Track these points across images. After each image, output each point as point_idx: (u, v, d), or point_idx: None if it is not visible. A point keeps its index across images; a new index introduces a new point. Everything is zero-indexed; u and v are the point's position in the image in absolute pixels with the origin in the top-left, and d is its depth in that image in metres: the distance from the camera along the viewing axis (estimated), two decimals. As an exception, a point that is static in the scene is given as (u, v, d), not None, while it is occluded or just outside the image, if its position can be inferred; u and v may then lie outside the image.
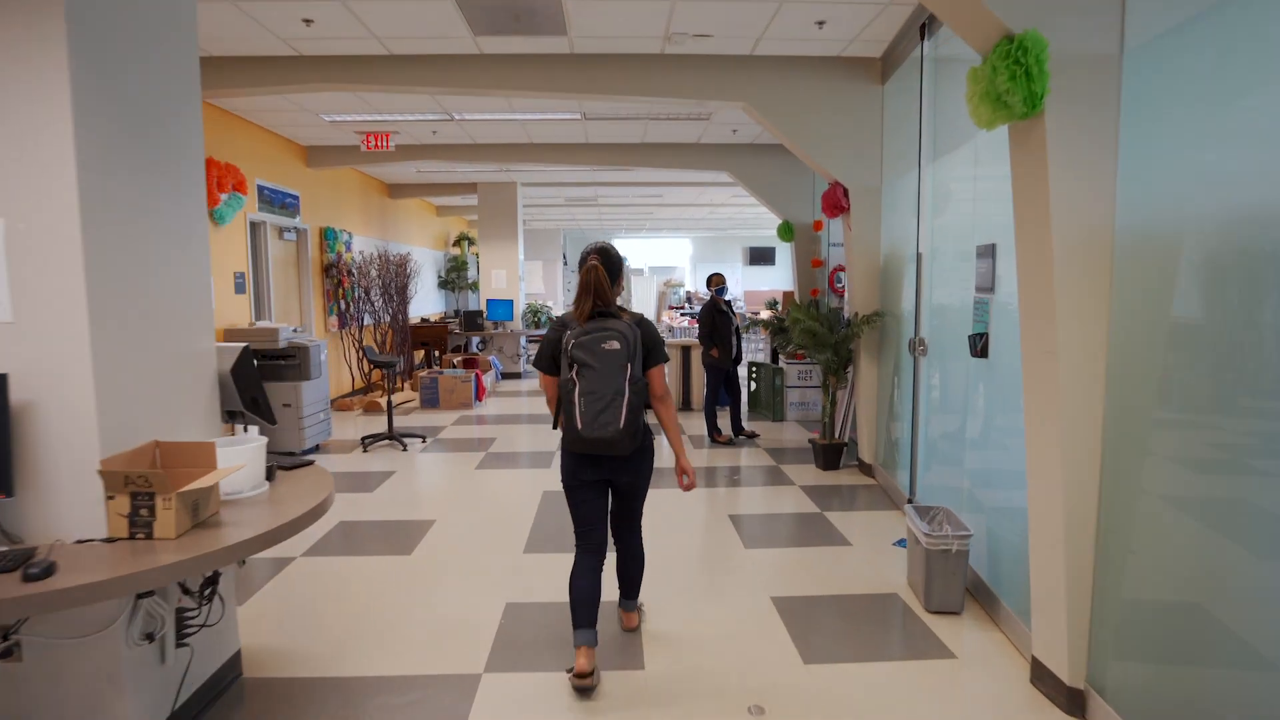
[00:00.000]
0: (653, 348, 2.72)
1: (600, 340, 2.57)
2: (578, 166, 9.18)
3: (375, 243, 10.39)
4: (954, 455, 3.91)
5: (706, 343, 6.65)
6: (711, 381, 6.75)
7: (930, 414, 4.31)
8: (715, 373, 6.72)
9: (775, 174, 8.32)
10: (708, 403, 6.77)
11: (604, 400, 2.54)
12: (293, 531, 2.25)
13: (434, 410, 8.56)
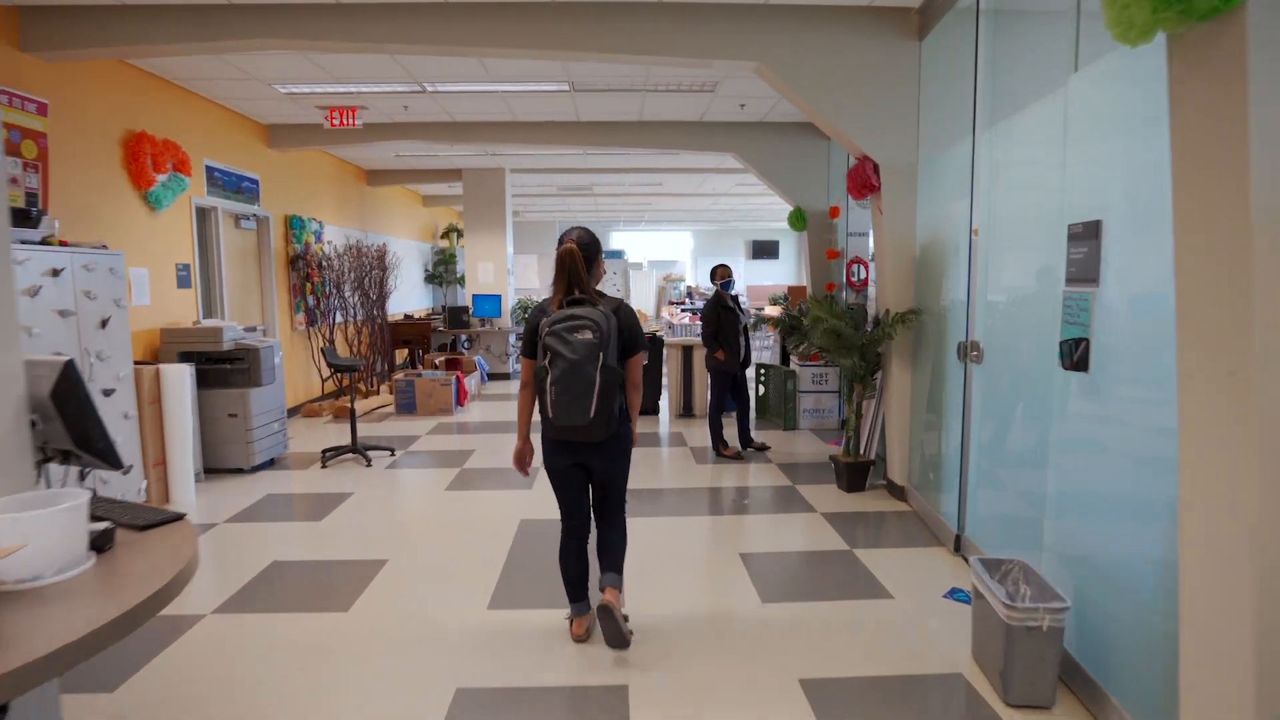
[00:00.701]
0: (631, 337, 2.73)
1: (574, 329, 2.57)
2: (569, 149, 8.39)
3: (352, 233, 9.60)
4: (1023, 487, 3.15)
5: (710, 344, 5.88)
6: (716, 387, 5.99)
7: (987, 434, 3.54)
8: (720, 377, 5.95)
9: (787, 155, 7.53)
10: (712, 411, 6.00)
11: (575, 389, 2.55)
12: (108, 641, 1.48)
13: (410, 417, 7.79)
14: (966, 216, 3.75)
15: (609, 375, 2.59)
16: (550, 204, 14.81)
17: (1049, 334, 2.76)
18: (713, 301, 5.89)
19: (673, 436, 6.79)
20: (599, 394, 2.55)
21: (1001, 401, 3.42)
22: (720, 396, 5.98)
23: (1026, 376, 3.14)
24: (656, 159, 9.57)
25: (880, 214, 4.59)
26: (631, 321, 2.74)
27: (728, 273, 5.99)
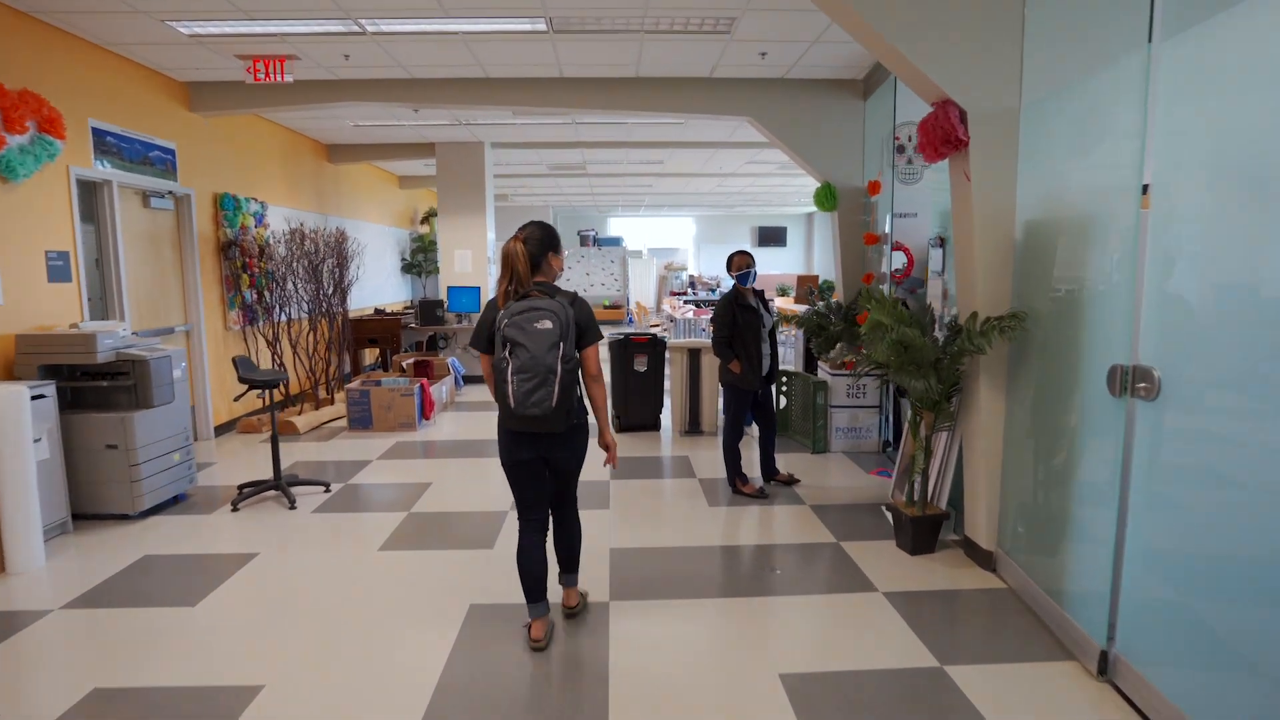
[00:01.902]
0: (586, 327, 2.74)
1: (533, 319, 2.59)
2: (553, 113, 7.11)
3: (310, 217, 8.34)
4: (1227, 588, 1.92)
5: (724, 352, 4.64)
6: (733, 406, 4.76)
7: (1163, 504, 2.31)
8: (738, 395, 4.73)
9: (816, 119, 6.26)
10: (727, 436, 4.77)
11: (536, 379, 2.57)
12: None
13: (364, 434, 6.56)
14: (1124, 176, 2.49)
15: (569, 364, 2.63)
16: (541, 186, 13.54)
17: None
18: (727, 299, 4.65)
19: (676, 464, 5.56)
20: (560, 383, 2.60)
21: (1192, 460, 2.19)
22: (737, 418, 4.75)
23: (1243, 426, 1.91)
24: (657, 130, 8.29)
25: (968, 180, 3.34)
26: (586, 313, 2.77)
27: (747, 261, 4.73)
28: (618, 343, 6.36)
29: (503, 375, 2.60)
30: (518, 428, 2.69)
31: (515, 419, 2.65)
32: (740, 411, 4.73)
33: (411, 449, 6.04)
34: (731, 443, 4.74)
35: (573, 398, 2.70)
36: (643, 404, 6.47)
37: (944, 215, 4.37)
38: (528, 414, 2.59)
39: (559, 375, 2.58)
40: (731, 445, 4.74)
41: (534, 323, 2.58)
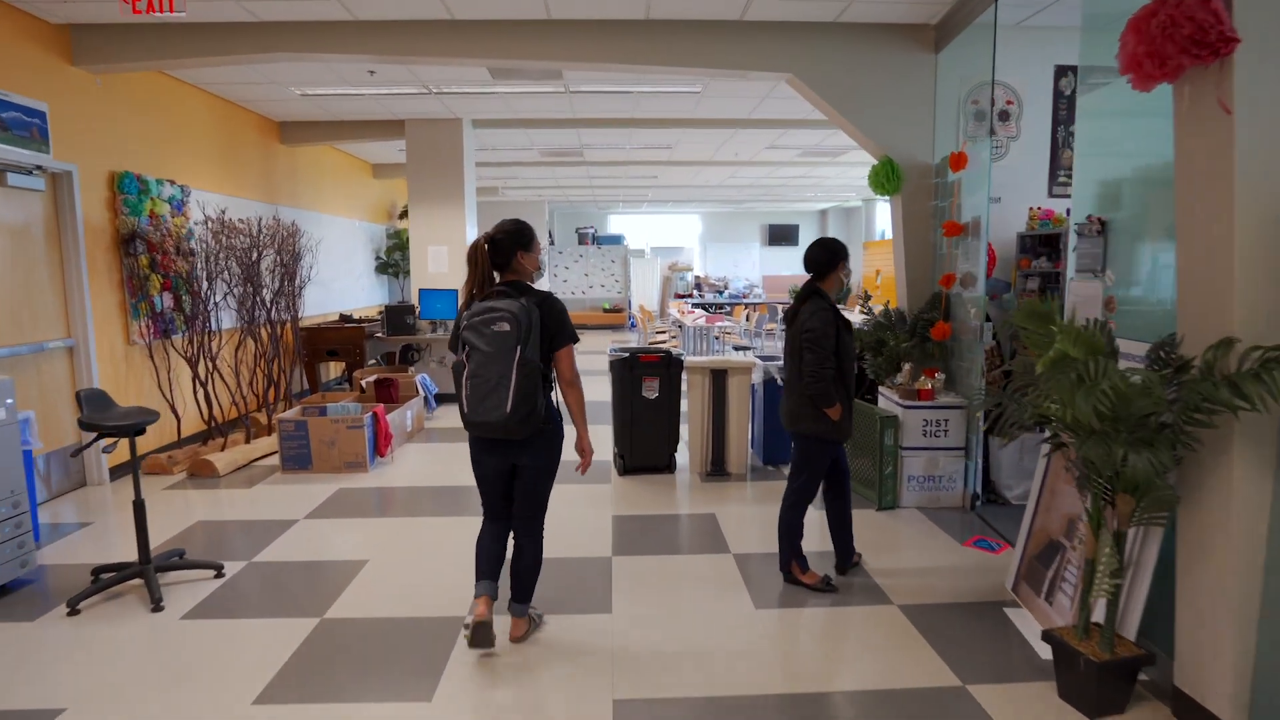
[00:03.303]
0: (557, 329, 2.64)
1: (490, 322, 2.51)
2: (539, 69, 5.75)
3: (255, 207, 6.98)
4: None
5: (828, 394, 3.09)
6: (813, 466, 3.31)
7: None
8: (823, 450, 3.28)
9: (874, 74, 4.91)
10: (792, 507, 3.36)
11: (489, 384, 2.49)
12: None
13: (300, 476, 5.18)
14: None
15: (526, 369, 2.50)
16: (534, 177, 12.17)
17: None
18: (828, 313, 3.17)
19: (699, 527, 4.19)
20: (515, 388, 2.48)
21: None
22: (813, 482, 3.36)
23: None
24: (669, 103, 6.93)
25: (1227, 113, 1.97)
26: (557, 314, 2.64)
27: (838, 255, 3.26)
28: (621, 363, 4.99)
29: (459, 379, 2.56)
30: (478, 434, 2.64)
31: (471, 425, 2.59)
32: (819, 472, 3.35)
33: (356, 500, 4.66)
34: (798, 516, 3.36)
35: (534, 403, 2.54)
36: (652, 440, 5.10)
37: (1102, 187, 3.00)
38: (481, 420, 2.53)
39: (514, 381, 2.48)
40: (796, 520, 3.36)
41: (491, 325, 2.50)
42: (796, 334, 3.19)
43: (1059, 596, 2.87)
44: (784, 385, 3.36)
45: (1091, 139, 3.09)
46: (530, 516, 2.79)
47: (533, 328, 2.52)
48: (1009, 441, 2.85)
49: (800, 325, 3.16)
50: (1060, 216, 4.73)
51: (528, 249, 2.66)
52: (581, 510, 4.40)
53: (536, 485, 2.74)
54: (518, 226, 2.67)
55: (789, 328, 3.29)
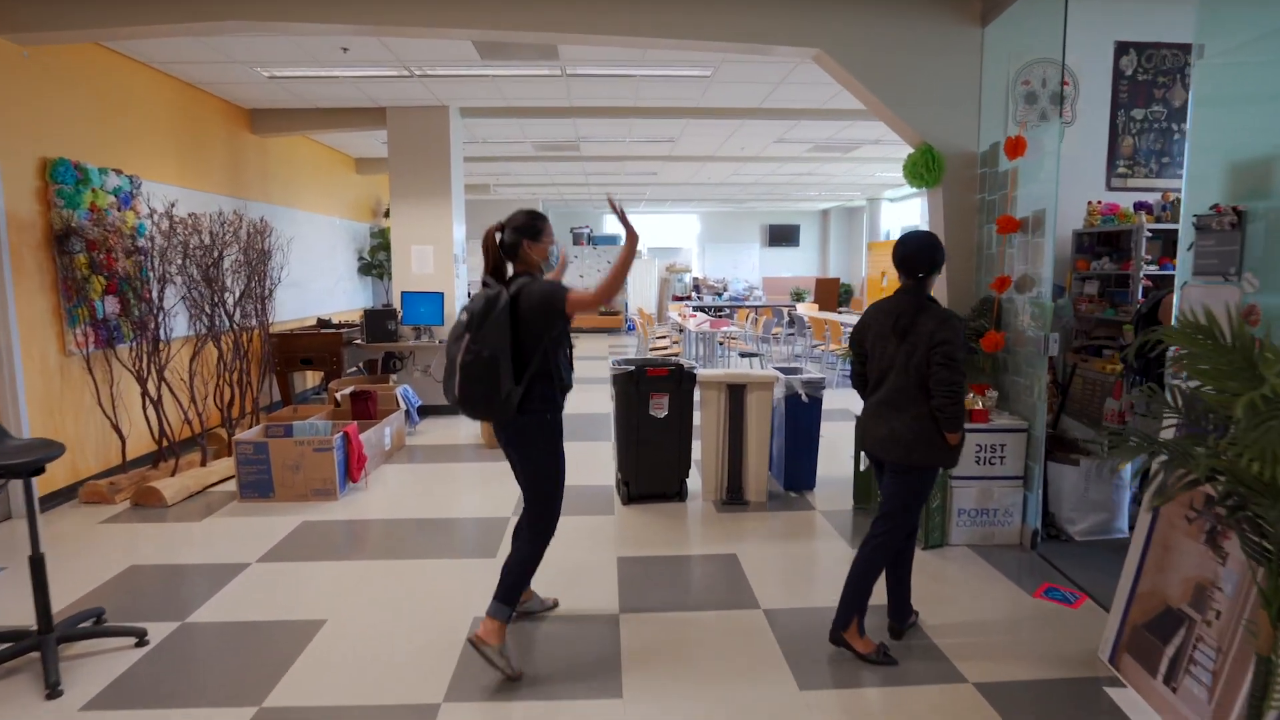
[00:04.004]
0: (542, 309, 2.54)
1: (463, 310, 2.60)
2: (532, 44, 5.15)
3: (221, 201, 6.35)
4: None
5: (956, 415, 2.57)
6: (922, 497, 2.73)
7: None
8: (931, 482, 2.73)
9: (913, 51, 4.33)
10: (874, 556, 2.74)
11: (445, 368, 2.59)
12: None
13: (260, 506, 4.55)
14: None
15: (470, 355, 2.49)
16: (527, 173, 11.56)
17: None
18: (959, 322, 2.65)
19: (719, 572, 3.58)
20: (460, 374, 2.51)
21: None
22: (913, 521, 2.79)
23: None
24: (674, 88, 6.33)
25: None
26: (535, 295, 2.55)
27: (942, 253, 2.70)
28: (625, 378, 4.38)
29: None
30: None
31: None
32: (917, 511, 2.77)
33: (321, 536, 4.04)
34: (881, 561, 2.75)
35: (488, 390, 2.49)
36: (661, 465, 4.50)
37: (1238, 171, 2.42)
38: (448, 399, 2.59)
39: (458, 367, 2.51)
40: (876, 567, 2.74)
41: (461, 314, 2.58)
42: (917, 349, 2.60)
43: (1187, 683, 2.28)
44: (881, 407, 2.71)
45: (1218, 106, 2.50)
46: (527, 511, 2.72)
47: (489, 316, 2.50)
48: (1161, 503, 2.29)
49: (930, 337, 2.58)
50: (1126, 211, 4.15)
51: (535, 239, 2.67)
52: (581, 550, 3.80)
53: (524, 478, 2.70)
54: (525, 218, 2.68)
55: (895, 341, 2.66)
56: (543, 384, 2.61)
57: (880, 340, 2.72)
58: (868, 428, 2.76)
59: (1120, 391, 3.94)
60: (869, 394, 2.81)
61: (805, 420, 4.68)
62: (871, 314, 2.79)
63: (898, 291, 2.73)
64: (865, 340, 2.80)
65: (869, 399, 2.80)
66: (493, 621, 2.62)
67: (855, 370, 2.90)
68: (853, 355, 2.89)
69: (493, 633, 2.61)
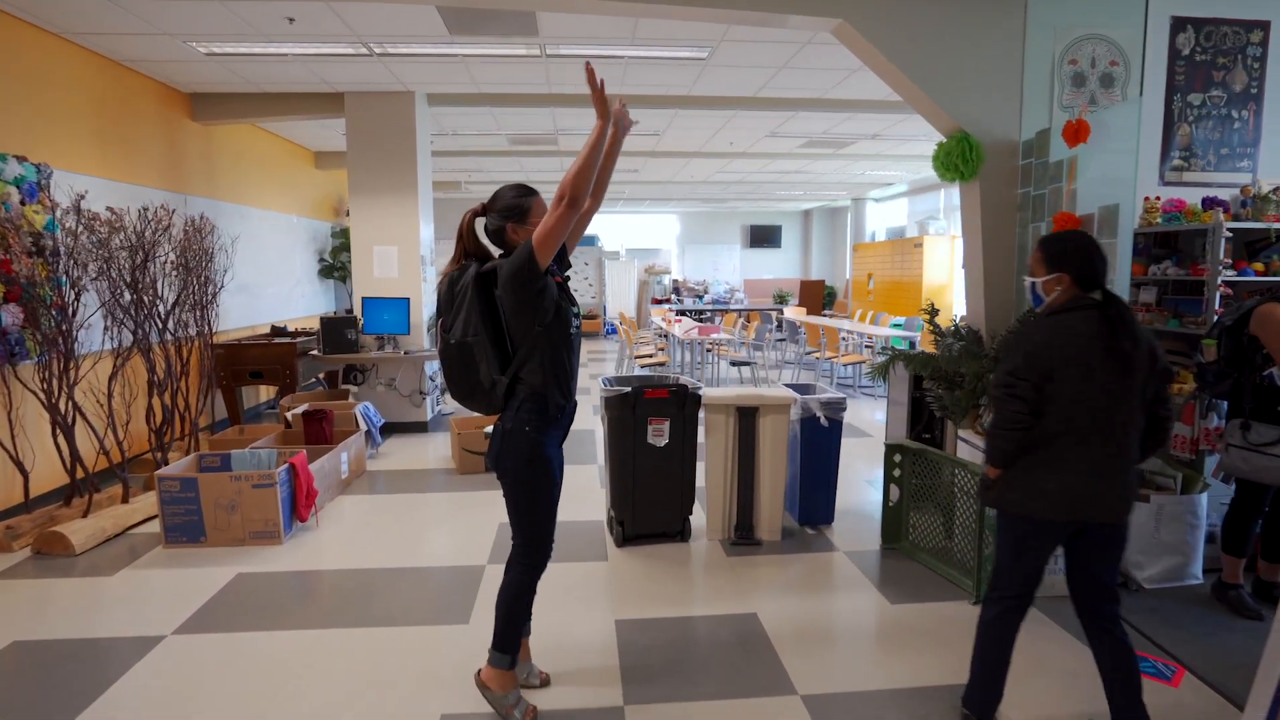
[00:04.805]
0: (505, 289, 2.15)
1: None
2: (510, 20, 4.53)
3: (156, 195, 5.61)
4: None
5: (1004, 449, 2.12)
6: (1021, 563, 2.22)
7: None
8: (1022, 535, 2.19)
9: (946, 24, 3.80)
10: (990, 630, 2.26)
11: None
12: None
13: (190, 552, 3.85)
14: None
15: (440, 345, 2.27)
16: (501, 169, 10.88)
17: None
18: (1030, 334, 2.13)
19: (735, 636, 2.98)
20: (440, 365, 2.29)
21: None
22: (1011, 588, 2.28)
23: None
24: (665, 72, 5.73)
25: None
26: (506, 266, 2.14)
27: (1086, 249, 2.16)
28: (619, 400, 3.76)
29: None
30: None
31: None
32: (1031, 576, 2.21)
33: (258, 595, 3.37)
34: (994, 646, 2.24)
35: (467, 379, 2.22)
36: (661, 500, 3.89)
37: None
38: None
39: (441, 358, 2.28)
40: (995, 651, 2.23)
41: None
42: (1142, 380, 2.06)
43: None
44: (1111, 460, 2.06)
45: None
46: (513, 540, 2.34)
47: (454, 298, 2.23)
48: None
49: (1154, 363, 2.07)
50: (1194, 208, 3.64)
51: (522, 222, 2.24)
52: (571, 608, 3.18)
53: (506, 499, 2.30)
54: (510, 196, 2.27)
55: (1117, 372, 2.02)
56: (527, 390, 2.21)
57: (1084, 371, 2.02)
58: (1087, 491, 2.05)
59: (1192, 415, 3.42)
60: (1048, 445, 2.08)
61: (823, 447, 4.11)
62: (1060, 337, 2.05)
63: (1088, 308, 2.07)
64: (1052, 374, 2.04)
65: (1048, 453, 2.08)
66: (493, 670, 2.34)
67: (1021, 414, 2.07)
68: (1019, 397, 2.06)
69: (495, 679, 2.34)
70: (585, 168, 2.04)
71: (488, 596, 3.30)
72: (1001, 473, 2.16)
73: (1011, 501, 2.16)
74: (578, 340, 2.32)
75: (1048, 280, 2.14)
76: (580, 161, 2.05)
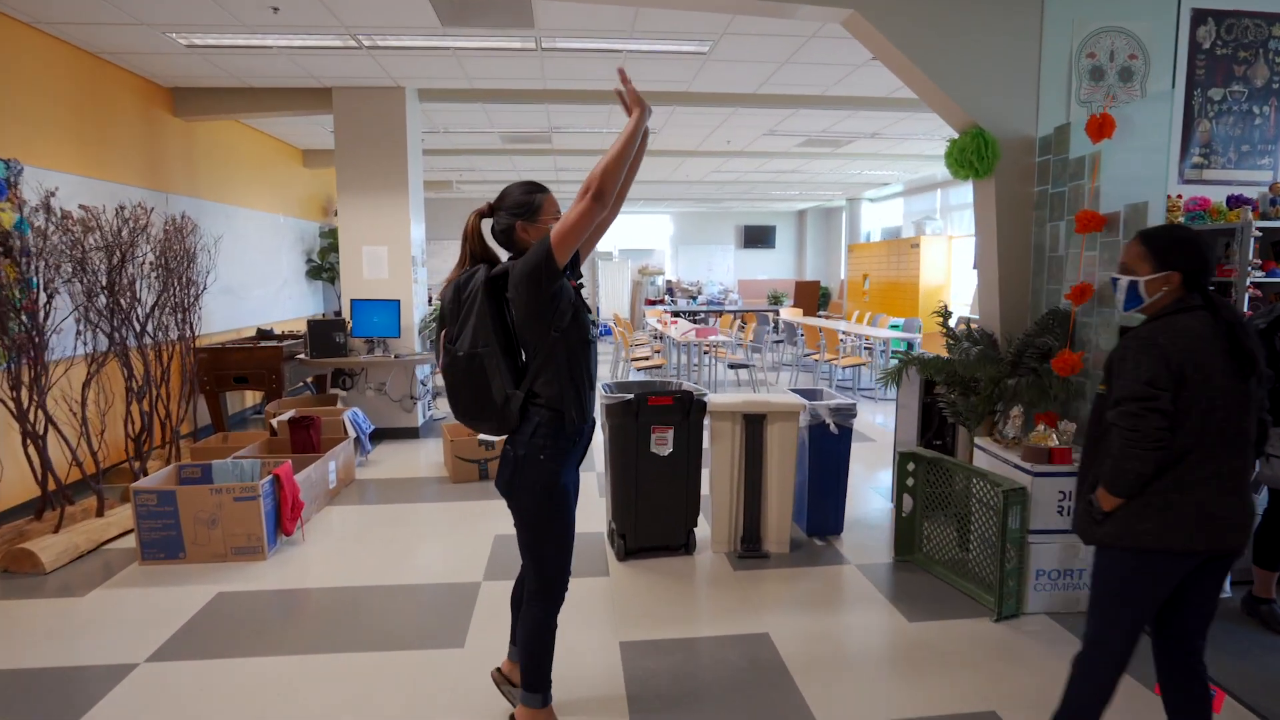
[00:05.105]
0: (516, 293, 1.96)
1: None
2: (505, 9, 4.35)
3: (135, 193, 5.39)
4: None
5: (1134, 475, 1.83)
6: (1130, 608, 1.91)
7: None
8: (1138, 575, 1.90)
9: (962, 16, 3.65)
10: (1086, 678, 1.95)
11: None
12: None
13: (168, 570, 3.65)
14: None
15: (446, 359, 2.02)
16: (494, 169, 10.70)
17: None
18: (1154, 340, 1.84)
19: (748, 660, 2.82)
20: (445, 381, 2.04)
21: None
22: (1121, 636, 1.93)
23: None
24: (663, 68, 5.57)
25: None
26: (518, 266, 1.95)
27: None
28: (620, 408, 3.59)
29: None
30: None
31: None
32: (1138, 621, 1.92)
33: (240, 616, 3.17)
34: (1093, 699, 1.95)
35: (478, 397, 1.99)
36: (664, 511, 3.72)
37: None
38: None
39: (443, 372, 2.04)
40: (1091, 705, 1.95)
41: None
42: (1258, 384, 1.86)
43: None
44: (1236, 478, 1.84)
45: None
46: (530, 583, 2.16)
47: (460, 305, 2.03)
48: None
49: (1262, 367, 1.86)
50: (1219, 207, 3.51)
51: (532, 219, 2.06)
52: (572, 629, 3.00)
53: (517, 528, 2.12)
54: (519, 192, 2.09)
55: (1237, 378, 1.81)
56: (543, 408, 2.02)
57: (1209, 377, 1.79)
58: (1222, 512, 1.81)
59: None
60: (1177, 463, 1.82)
61: (832, 455, 3.95)
62: (1186, 341, 1.81)
63: (1198, 309, 1.86)
64: (1185, 382, 1.79)
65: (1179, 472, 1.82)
66: (527, 711, 2.20)
67: (1163, 430, 1.79)
68: (1159, 410, 1.79)
69: (526, 717, 2.20)
70: (618, 159, 1.88)
71: (483, 616, 3.13)
72: (1121, 502, 1.86)
73: (1144, 534, 1.83)
74: (595, 349, 2.15)
75: (1154, 279, 1.89)
76: (613, 153, 1.89)
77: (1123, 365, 1.86)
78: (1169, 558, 1.84)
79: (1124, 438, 1.81)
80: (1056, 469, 3.07)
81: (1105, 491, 1.88)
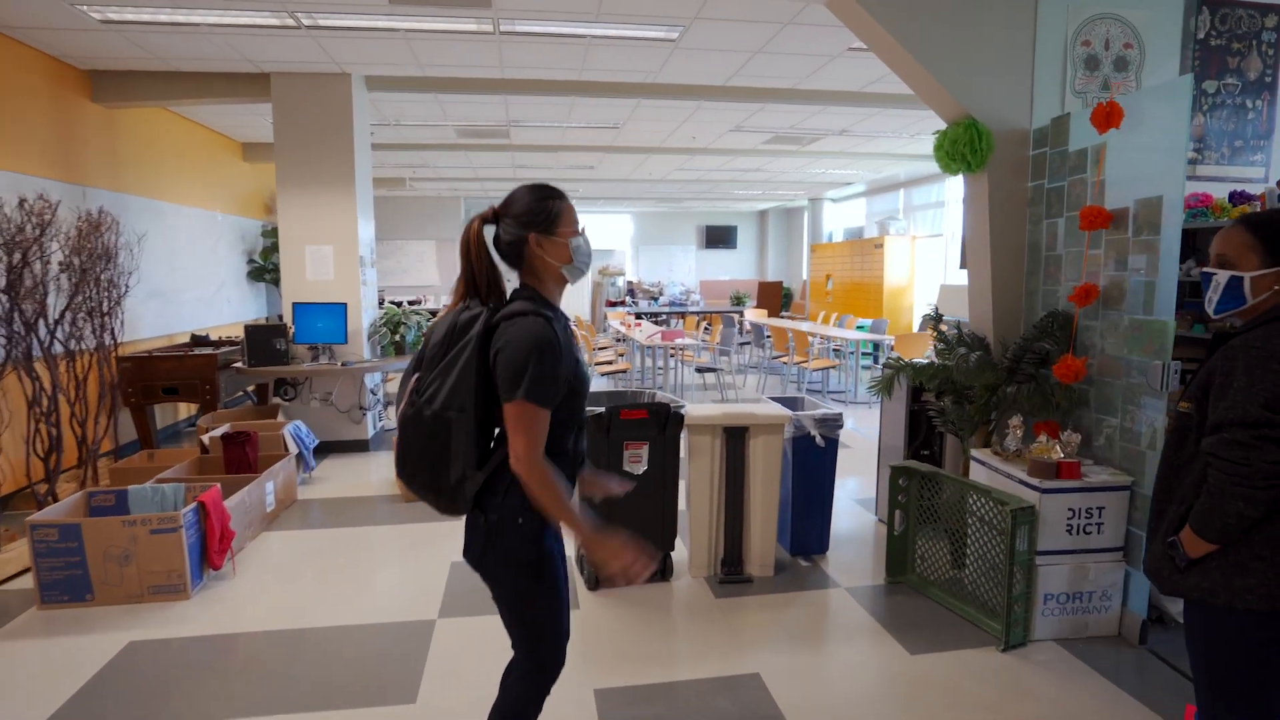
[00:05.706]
0: (501, 366, 1.54)
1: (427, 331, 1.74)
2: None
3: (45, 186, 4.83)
4: None
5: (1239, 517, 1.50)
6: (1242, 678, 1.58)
7: None
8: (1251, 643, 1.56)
9: (953, 3, 3.42)
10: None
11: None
12: None
13: (72, 614, 3.18)
14: None
15: (410, 410, 1.60)
16: (448, 165, 10.24)
17: None
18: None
19: (737, 710, 2.52)
20: (399, 431, 1.64)
21: None
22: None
23: None
24: (630, 55, 5.24)
25: None
26: (514, 344, 1.53)
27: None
28: (591, 421, 3.26)
29: None
30: None
31: None
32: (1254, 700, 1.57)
33: (156, 669, 2.74)
34: None
35: (433, 467, 1.59)
36: (638, 534, 3.37)
37: None
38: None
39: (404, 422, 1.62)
40: None
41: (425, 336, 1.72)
42: None
43: None
44: None
45: None
46: (514, 652, 1.77)
47: (450, 349, 1.60)
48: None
49: None
50: (1222, 203, 3.33)
51: (549, 231, 1.63)
52: (541, 678, 2.65)
53: (500, 608, 1.72)
54: (531, 198, 1.65)
55: None
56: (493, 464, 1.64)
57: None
58: None
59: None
60: None
61: (817, 469, 3.68)
62: None
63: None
64: None
65: None
66: None
67: (1274, 463, 1.46)
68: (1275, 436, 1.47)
69: None
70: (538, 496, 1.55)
71: (438, 664, 2.76)
72: (1213, 549, 1.55)
73: (1251, 592, 1.50)
74: (584, 413, 1.77)
75: (1264, 274, 1.58)
76: (541, 499, 1.55)
77: (1229, 381, 1.52)
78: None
79: (1227, 472, 1.49)
80: (1065, 484, 2.84)
81: (1193, 534, 1.57)
